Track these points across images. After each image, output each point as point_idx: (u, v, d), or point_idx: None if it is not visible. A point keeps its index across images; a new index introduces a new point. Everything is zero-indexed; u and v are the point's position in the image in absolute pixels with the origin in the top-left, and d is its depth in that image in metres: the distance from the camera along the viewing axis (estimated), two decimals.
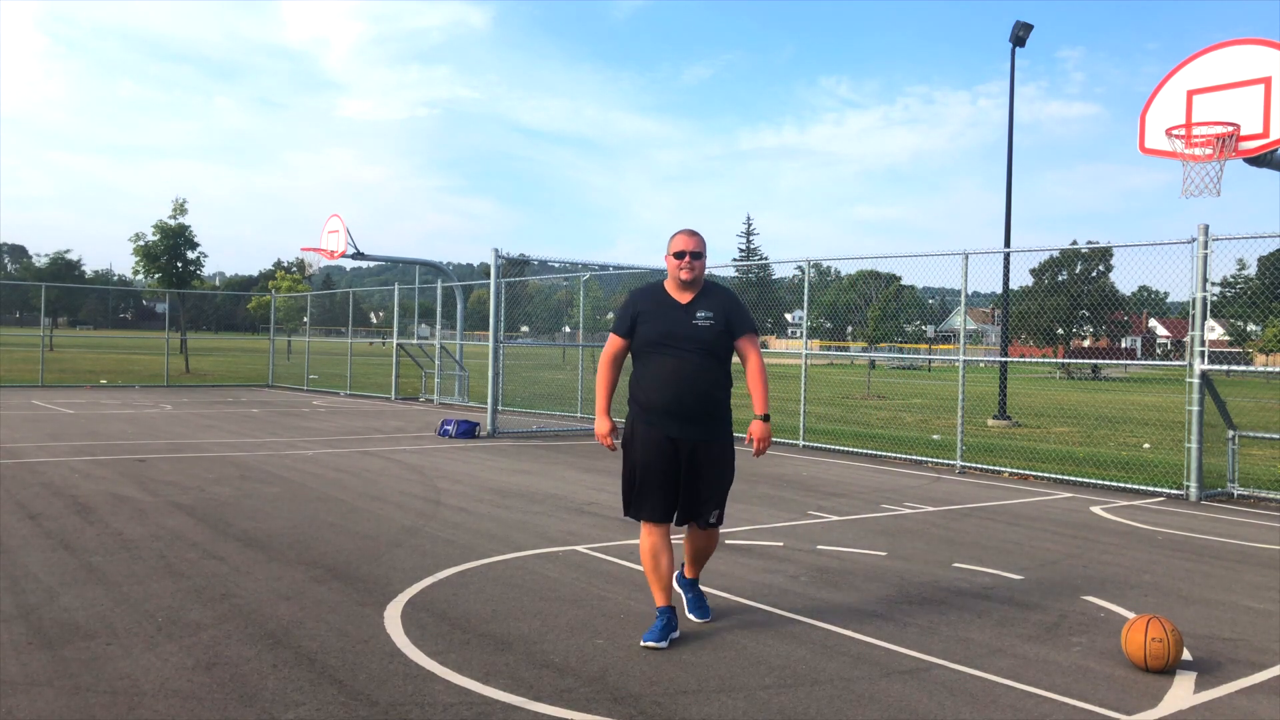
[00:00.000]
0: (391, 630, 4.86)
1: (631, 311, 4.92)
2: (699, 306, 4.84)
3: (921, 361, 53.09)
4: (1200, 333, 10.07)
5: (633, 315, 4.91)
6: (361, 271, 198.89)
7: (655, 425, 4.79)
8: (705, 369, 4.79)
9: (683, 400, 4.75)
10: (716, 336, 4.82)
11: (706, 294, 4.92)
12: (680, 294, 4.90)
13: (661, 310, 4.87)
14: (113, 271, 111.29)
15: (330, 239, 23.63)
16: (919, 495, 9.99)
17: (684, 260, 4.84)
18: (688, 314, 4.82)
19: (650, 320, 4.86)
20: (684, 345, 4.77)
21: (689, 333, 4.78)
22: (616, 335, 4.97)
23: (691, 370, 4.76)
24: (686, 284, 4.87)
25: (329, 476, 10.08)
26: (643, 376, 4.86)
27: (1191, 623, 5.40)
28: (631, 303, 4.96)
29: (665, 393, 4.76)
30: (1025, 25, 20.04)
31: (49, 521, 7.34)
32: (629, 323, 4.91)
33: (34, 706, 3.80)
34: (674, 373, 4.76)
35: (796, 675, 4.38)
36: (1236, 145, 9.28)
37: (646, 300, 4.92)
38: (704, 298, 4.89)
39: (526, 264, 17.63)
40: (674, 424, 4.78)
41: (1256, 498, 10.31)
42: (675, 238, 4.94)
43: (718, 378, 4.84)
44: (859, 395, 28.02)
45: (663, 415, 4.78)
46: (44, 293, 29.33)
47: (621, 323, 4.95)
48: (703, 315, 4.82)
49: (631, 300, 4.98)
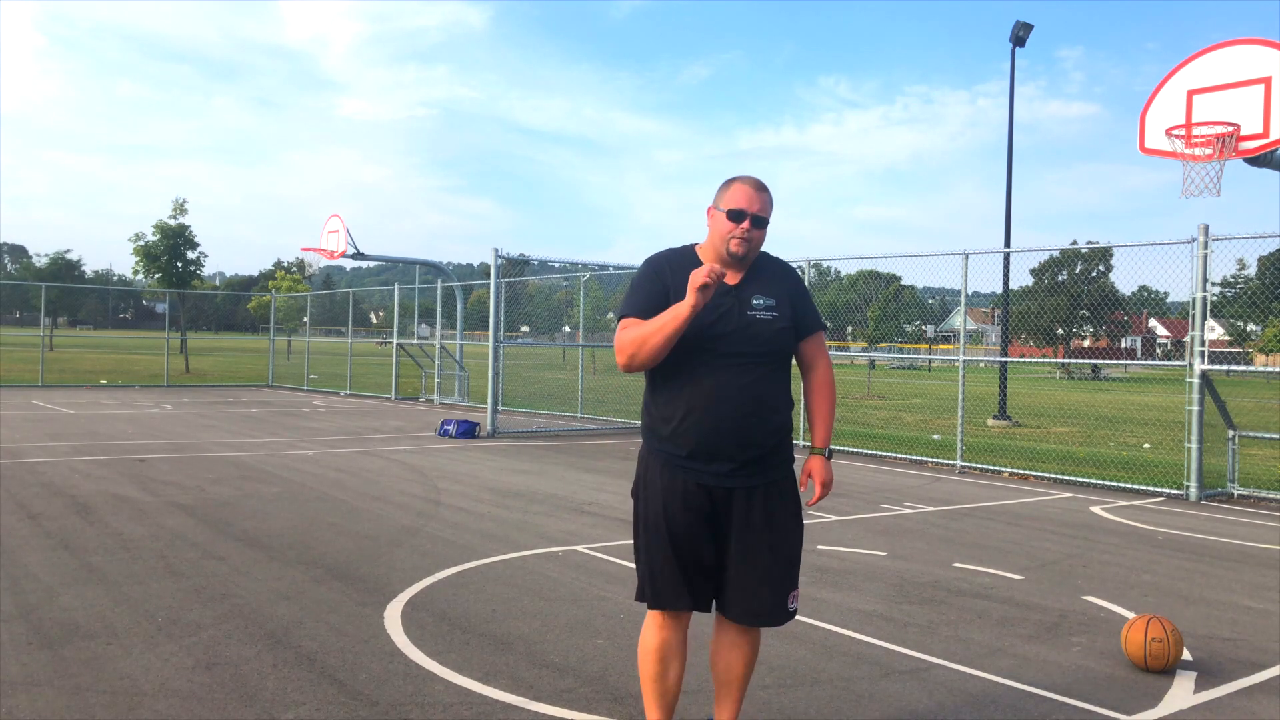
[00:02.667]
0: (391, 630, 4.86)
1: (661, 287, 3.25)
2: (755, 291, 3.27)
3: (921, 361, 53.10)
4: (1200, 333, 10.07)
5: (664, 293, 3.23)
6: (361, 271, 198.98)
7: (686, 468, 3.23)
8: (768, 384, 3.25)
9: (737, 432, 3.19)
10: (780, 335, 3.27)
11: (762, 273, 3.33)
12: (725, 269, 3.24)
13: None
14: (113, 271, 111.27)
15: (330, 239, 23.64)
16: (919, 495, 9.99)
17: (743, 226, 3.23)
18: (740, 302, 3.24)
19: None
20: (738, 348, 3.19)
21: (745, 330, 3.21)
22: (639, 318, 3.21)
23: (750, 386, 3.20)
24: (738, 258, 3.27)
25: (329, 476, 10.08)
26: (674, 396, 3.23)
27: (1191, 623, 5.40)
28: (657, 274, 3.28)
29: (710, 421, 3.18)
30: (1025, 25, 20.03)
31: (49, 521, 7.34)
32: (660, 299, 3.21)
33: (34, 706, 3.80)
34: (725, 390, 3.18)
35: (796, 675, 4.38)
36: (1236, 145, 9.28)
37: (679, 273, 3.21)
38: (759, 278, 3.31)
39: (526, 264, 17.63)
40: (717, 466, 3.21)
41: (1256, 498, 10.31)
42: (734, 187, 3.28)
43: (782, 396, 3.30)
44: (859, 395, 28.01)
45: (703, 455, 3.20)
46: (44, 293, 29.31)
47: (645, 302, 3.23)
48: (762, 304, 3.26)
49: (657, 271, 3.29)
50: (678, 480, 3.23)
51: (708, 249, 3.34)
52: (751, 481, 3.24)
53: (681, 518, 3.22)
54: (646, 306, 3.21)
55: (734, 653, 3.37)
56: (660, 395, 3.28)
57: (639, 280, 3.32)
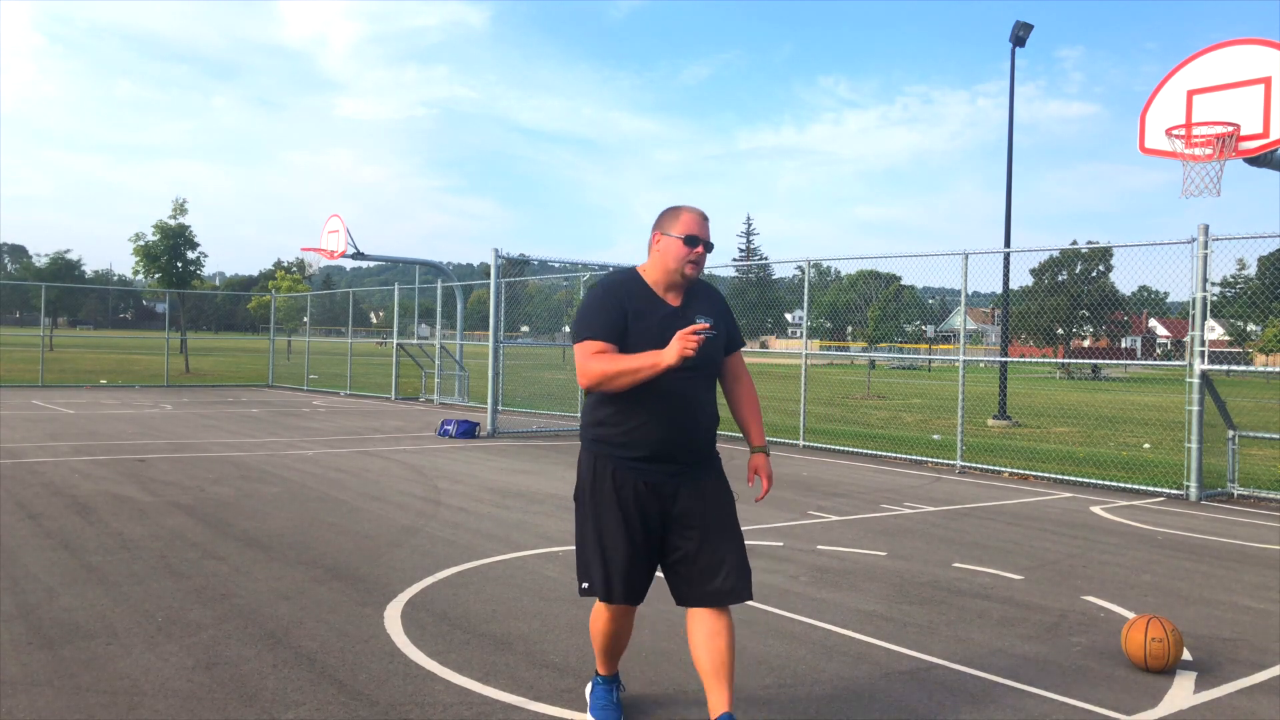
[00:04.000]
0: (391, 630, 4.86)
1: (616, 309, 3.52)
2: (696, 311, 3.60)
3: (921, 361, 53.10)
4: (1200, 333, 10.07)
5: (618, 313, 3.52)
6: (361, 271, 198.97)
7: (638, 470, 3.55)
8: (706, 393, 3.63)
9: (685, 440, 3.56)
10: (717, 351, 3.66)
11: (698, 295, 3.68)
12: (668, 295, 3.61)
13: (653, 314, 3.55)
14: (113, 271, 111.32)
15: (330, 239, 23.64)
16: (919, 495, 9.99)
17: (696, 251, 3.56)
18: (686, 321, 3.51)
19: (643, 329, 3.51)
20: (685, 363, 3.37)
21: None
22: (601, 340, 3.48)
23: (693, 396, 3.55)
24: (675, 282, 3.60)
25: (329, 476, 10.08)
26: (627, 406, 3.52)
27: (1191, 623, 5.40)
28: (614, 298, 3.55)
29: (664, 431, 3.51)
30: (1025, 25, 20.03)
31: (49, 521, 7.34)
32: (621, 323, 3.50)
33: (34, 706, 3.80)
34: (673, 400, 3.51)
35: (796, 675, 4.38)
36: (1236, 145, 9.28)
37: (634, 299, 3.56)
38: (697, 300, 3.66)
39: (526, 264, 17.63)
40: (667, 468, 3.56)
41: (1256, 498, 10.31)
42: (684, 216, 3.59)
43: (714, 403, 3.70)
44: (859, 395, 28.02)
45: (655, 458, 3.54)
46: (44, 293, 29.32)
47: (606, 325, 3.50)
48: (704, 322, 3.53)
49: (613, 294, 3.56)
50: (630, 482, 3.55)
51: (653, 271, 3.63)
52: (696, 477, 3.60)
53: (638, 517, 3.54)
54: (609, 330, 3.50)
55: (717, 640, 3.50)
56: (612, 406, 3.56)
57: (597, 303, 3.55)
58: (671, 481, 3.56)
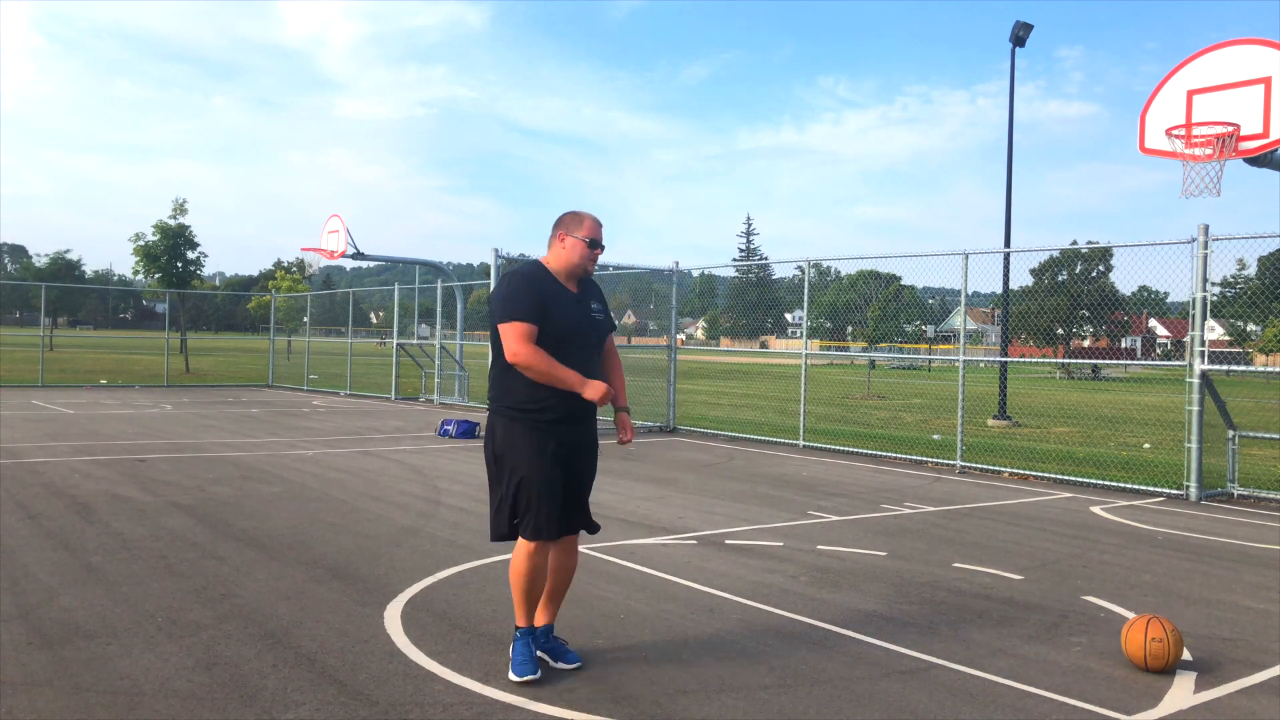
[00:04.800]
0: (391, 630, 4.86)
1: (537, 296, 4.24)
2: (590, 299, 4.45)
3: (921, 361, 53.10)
4: (1200, 333, 10.07)
5: (539, 300, 4.23)
6: (361, 271, 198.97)
7: (552, 431, 4.27)
8: (597, 364, 4.45)
9: (586, 403, 4.29)
10: (606, 331, 4.53)
11: (588, 285, 4.51)
12: (568, 284, 4.40)
13: (564, 300, 4.33)
14: (113, 271, 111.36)
15: (330, 239, 23.64)
16: (919, 495, 10.00)
17: (596, 251, 4.42)
18: (585, 308, 4.40)
19: (558, 312, 4.27)
20: (585, 341, 4.34)
21: (590, 328, 4.40)
22: (529, 321, 4.18)
23: (591, 368, 4.35)
24: (576, 275, 4.41)
25: (329, 476, 10.08)
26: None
27: (1191, 623, 5.40)
28: (530, 284, 4.27)
29: (571, 398, 4.23)
30: (1025, 25, 20.03)
31: (49, 521, 7.34)
32: (537, 308, 4.21)
33: (34, 706, 3.80)
34: (582, 370, 4.27)
35: (796, 675, 4.38)
36: (1236, 145, 9.28)
37: (545, 285, 4.30)
38: (589, 290, 4.50)
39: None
40: (574, 427, 4.34)
41: (1256, 498, 10.31)
42: (588, 221, 4.42)
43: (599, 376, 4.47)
44: (859, 395, 28.02)
45: (565, 421, 4.29)
46: (44, 293, 29.31)
47: (530, 306, 4.20)
48: (596, 308, 4.47)
49: (530, 282, 4.28)
50: (549, 440, 4.28)
51: (556, 264, 4.41)
52: (589, 434, 4.47)
53: (557, 467, 4.29)
54: (535, 314, 4.22)
55: (568, 559, 4.51)
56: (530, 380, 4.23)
57: (522, 289, 4.27)
58: (575, 437, 4.37)
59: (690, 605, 5.47)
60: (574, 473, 4.38)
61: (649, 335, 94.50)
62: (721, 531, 7.69)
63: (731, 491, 9.85)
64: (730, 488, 10.11)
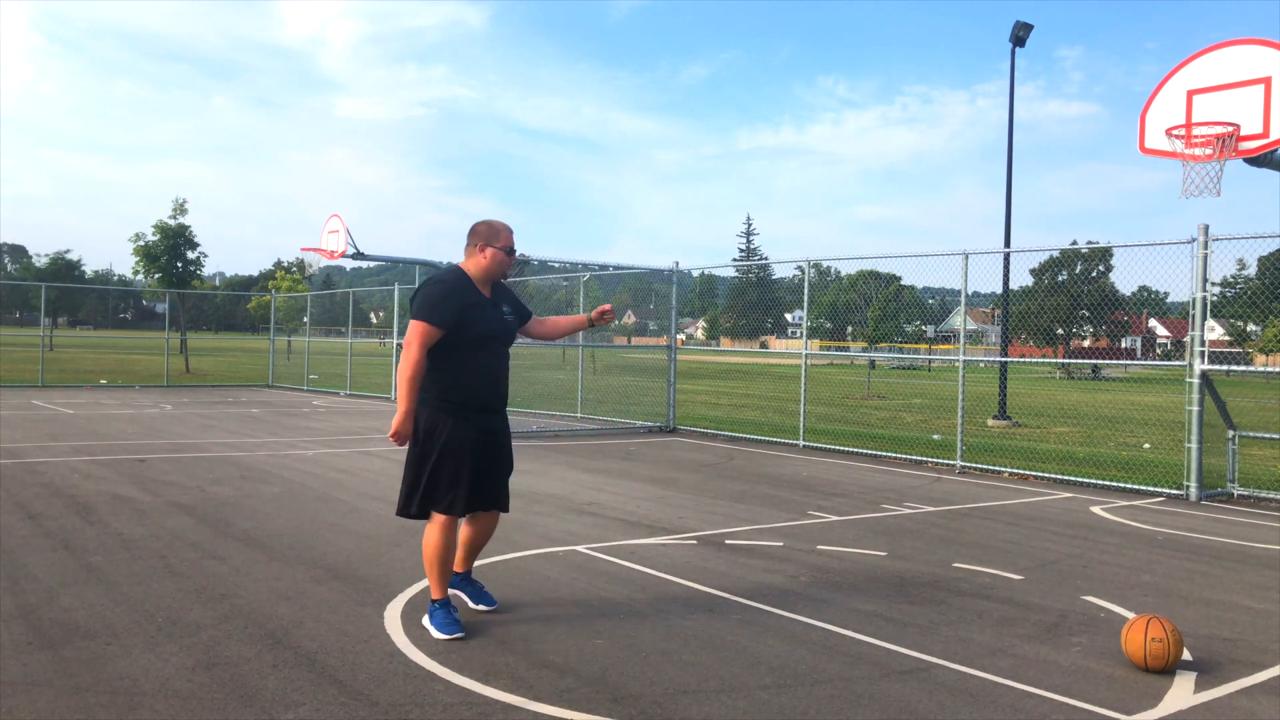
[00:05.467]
0: (391, 630, 4.86)
1: (457, 304, 4.77)
2: (502, 303, 5.03)
3: (921, 361, 53.09)
4: (1200, 333, 10.07)
5: (459, 309, 4.77)
6: (361, 271, 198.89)
7: (474, 420, 4.86)
8: (507, 362, 5.12)
9: (500, 395, 5.03)
10: (515, 331, 5.16)
11: (499, 290, 5.09)
12: (484, 289, 4.97)
13: (481, 306, 4.89)
14: (113, 271, 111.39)
15: (330, 239, 23.60)
16: (919, 495, 9.99)
17: (513, 257, 5.03)
18: (498, 311, 4.99)
19: (475, 317, 4.83)
20: (498, 342, 5.00)
21: (502, 330, 5.01)
22: (438, 326, 4.71)
23: (505, 366, 5.06)
24: (493, 280, 5.01)
25: (329, 476, 10.08)
26: (464, 373, 4.84)
27: (1191, 623, 5.40)
28: (452, 294, 4.80)
29: (488, 390, 4.94)
30: (1025, 25, 20.03)
31: (49, 521, 7.34)
32: (454, 316, 4.74)
33: (34, 706, 3.80)
34: (495, 370, 4.97)
35: (796, 675, 4.38)
36: (1236, 145, 9.27)
37: (466, 294, 4.86)
38: (500, 293, 5.07)
39: (526, 264, 17.61)
40: (491, 417, 4.99)
41: (1256, 498, 10.31)
42: (504, 231, 4.99)
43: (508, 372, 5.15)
44: (859, 395, 28.01)
45: (482, 411, 4.92)
46: (44, 293, 29.30)
47: (446, 314, 4.73)
48: (507, 311, 5.05)
49: (452, 292, 4.81)
50: (471, 428, 4.85)
51: (475, 271, 4.94)
52: (502, 424, 5.09)
53: (476, 452, 4.86)
54: (450, 319, 4.74)
55: (486, 526, 5.17)
56: (454, 374, 4.82)
57: (442, 297, 4.77)
58: (493, 426, 5.00)
59: (690, 605, 5.47)
60: (490, 458, 4.97)
61: (649, 335, 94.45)
62: (721, 531, 7.69)
63: (731, 491, 9.85)
64: (730, 488, 10.11)
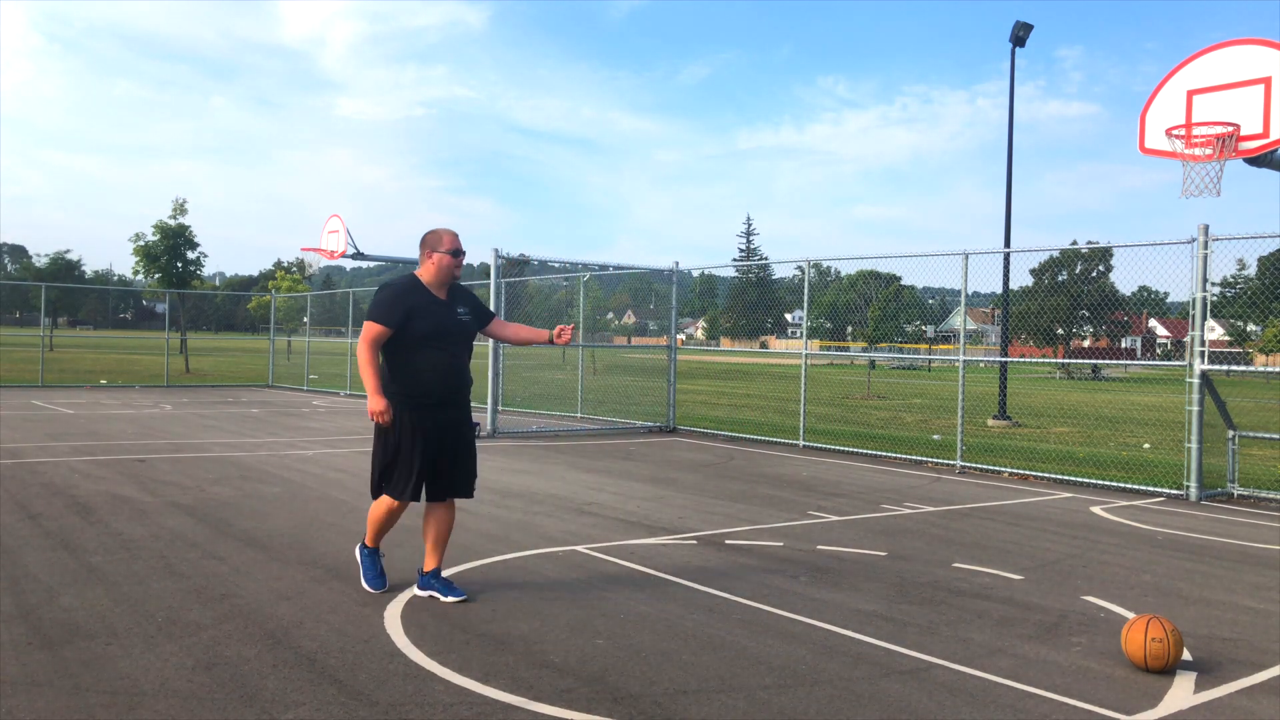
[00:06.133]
0: (391, 630, 4.86)
1: (404, 306, 5.23)
2: (457, 304, 5.42)
3: (921, 361, 53.09)
4: (1200, 333, 10.07)
5: (405, 310, 5.22)
6: (361, 272, 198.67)
7: (426, 413, 5.28)
8: (466, 360, 5.50)
9: (454, 390, 5.38)
10: (473, 331, 5.51)
11: (456, 292, 5.47)
12: (439, 291, 5.38)
13: (430, 307, 5.31)
14: (113, 271, 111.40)
15: (330, 239, 23.62)
16: (919, 495, 10.00)
17: (459, 260, 5.41)
18: (452, 311, 5.37)
19: (422, 317, 5.25)
20: (453, 340, 5.37)
21: (457, 329, 5.39)
22: (384, 325, 5.20)
23: (460, 362, 5.43)
24: (445, 282, 5.39)
25: (329, 476, 10.08)
26: (415, 369, 5.27)
27: (1191, 623, 5.40)
28: (400, 298, 5.26)
29: (441, 384, 5.31)
30: (1025, 25, 20.03)
31: (49, 521, 7.34)
32: (401, 316, 5.20)
33: (34, 706, 3.80)
34: (448, 366, 5.33)
35: (796, 675, 4.38)
36: (1236, 145, 9.27)
37: (414, 296, 5.30)
38: (456, 295, 5.46)
39: (526, 264, 17.62)
40: (443, 411, 5.34)
41: (1256, 498, 10.31)
42: (447, 236, 5.40)
43: (469, 366, 5.58)
44: (859, 395, 28.01)
45: (435, 405, 5.31)
46: (44, 293, 29.28)
47: (392, 315, 5.20)
48: (463, 312, 5.42)
49: (400, 295, 5.28)
50: (428, 421, 5.28)
51: (428, 276, 5.36)
52: (459, 416, 5.45)
53: (432, 444, 5.30)
54: (396, 319, 5.21)
55: (446, 516, 5.56)
56: (410, 369, 5.27)
57: (390, 300, 5.25)
58: (448, 418, 5.36)
59: (690, 605, 5.47)
60: (447, 449, 5.36)
61: (649, 335, 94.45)
62: (721, 531, 7.69)
63: (731, 491, 9.85)
64: (730, 488, 10.12)
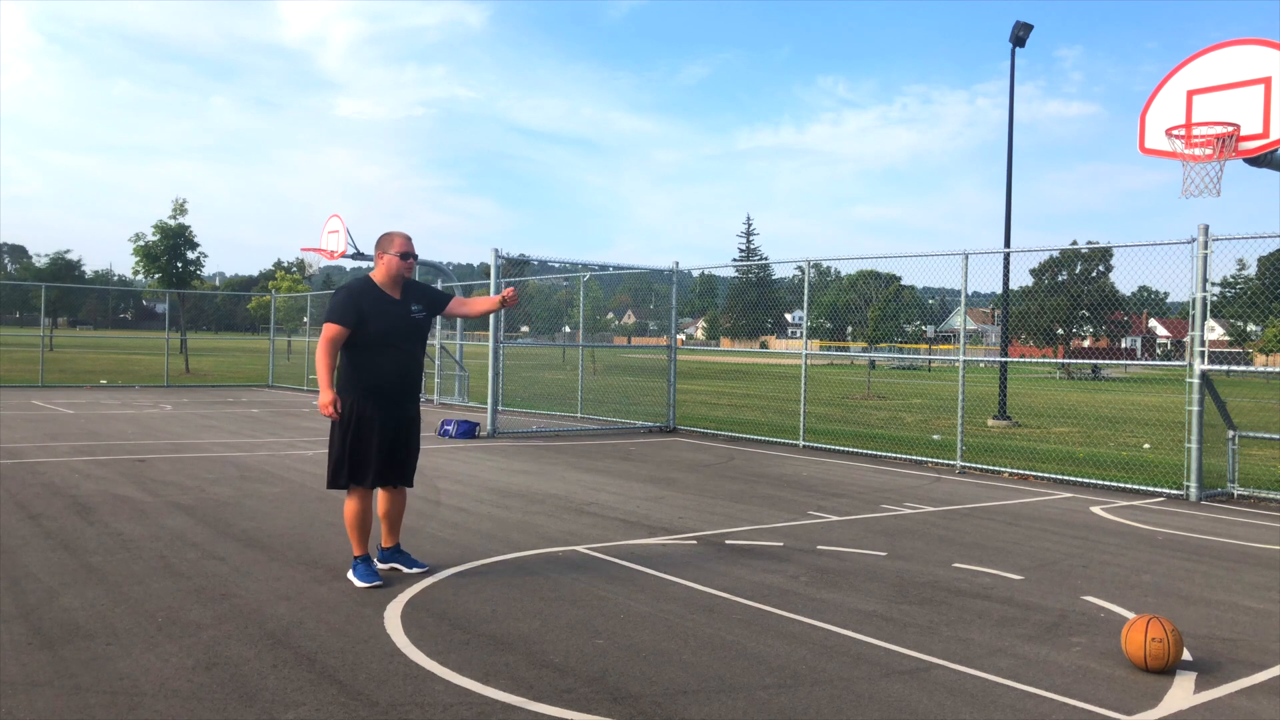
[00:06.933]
0: (391, 630, 4.86)
1: (357, 308, 5.54)
2: (411, 301, 5.72)
3: (921, 361, 53.09)
4: (1200, 333, 10.07)
5: (359, 312, 5.53)
6: (361, 272, 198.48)
7: (380, 407, 5.61)
8: (420, 356, 5.82)
9: (407, 386, 5.75)
10: (426, 328, 5.86)
11: (410, 289, 5.77)
12: (393, 290, 5.68)
13: (384, 308, 5.61)
14: (113, 271, 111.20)
15: (330, 239, 23.62)
16: (919, 495, 10.00)
17: (410, 261, 5.71)
18: (405, 309, 5.67)
19: (377, 318, 5.56)
20: (408, 339, 5.70)
21: (411, 328, 5.71)
22: (341, 325, 5.51)
23: (414, 360, 5.76)
24: (398, 282, 5.69)
25: None
26: (372, 366, 5.60)
27: (1191, 623, 5.40)
28: (355, 300, 5.57)
29: (395, 381, 5.66)
30: (1025, 25, 20.03)
31: (49, 521, 7.34)
32: (355, 317, 5.52)
33: (34, 706, 3.80)
34: (401, 363, 5.67)
35: (796, 675, 4.38)
36: (1236, 145, 9.27)
37: (368, 298, 5.61)
38: (410, 292, 5.76)
39: (526, 264, 17.63)
40: (397, 406, 5.69)
41: (1256, 498, 10.31)
42: (398, 239, 5.71)
43: (422, 363, 5.90)
44: (859, 395, 28.01)
45: (390, 400, 5.65)
46: (44, 293, 29.28)
47: (347, 316, 5.52)
48: (417, 309, 5.72)
49: (355, 298, 5.58)
50: (385, 414, 5.63)
51: (381, 277, 5.68)
52: (411, 412, 5.82)
53: (388, 436, 5.65)
54: (351, 319, 5.52)
55: (400, 500, 5.96)
56: (369, 368, 5.61)
57: (346, 301, 5.55)
58: (403, 414, 5.74)
59: (690, 605, 5.47)
60: (400, 441, 5.74)
61: (649, 335, 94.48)
62: (721, 531, 7.69)
63: (731, 491, 9.85)
64: (730, 488, 10.12)
